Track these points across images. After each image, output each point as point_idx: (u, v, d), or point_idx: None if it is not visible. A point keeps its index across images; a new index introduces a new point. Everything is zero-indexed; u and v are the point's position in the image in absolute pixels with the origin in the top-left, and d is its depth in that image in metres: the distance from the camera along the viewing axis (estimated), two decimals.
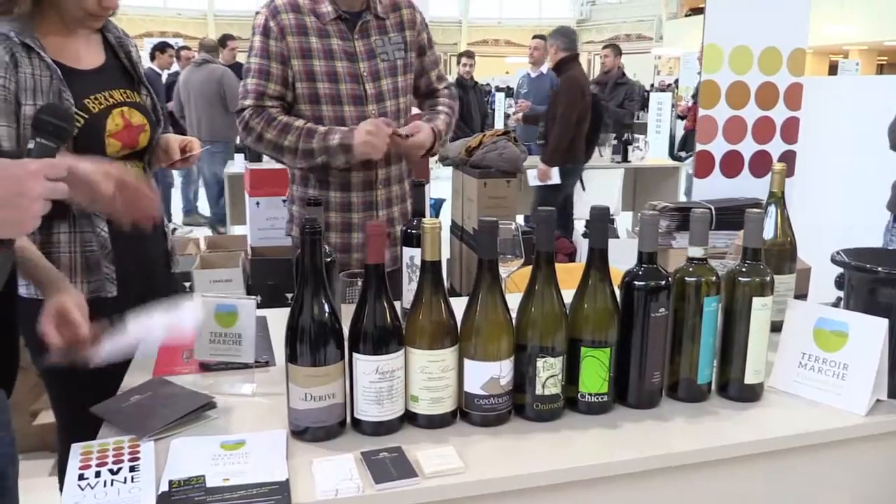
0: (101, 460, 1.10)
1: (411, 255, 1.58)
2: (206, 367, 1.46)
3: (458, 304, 1.24)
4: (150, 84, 1.80)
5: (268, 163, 4.52)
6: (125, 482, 1.04)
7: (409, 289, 1.58)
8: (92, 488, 1.03)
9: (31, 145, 1.14)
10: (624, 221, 6.39)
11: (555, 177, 5.13)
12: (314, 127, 1.95)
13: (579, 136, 5.23)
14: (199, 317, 1.34)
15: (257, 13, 2.01)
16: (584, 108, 5.15)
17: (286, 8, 1.97)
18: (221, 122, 6.42)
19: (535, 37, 6.79)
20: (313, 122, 1.99)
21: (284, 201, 3.41)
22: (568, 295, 1.28)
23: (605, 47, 7.34)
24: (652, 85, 17.39)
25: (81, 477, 1.05)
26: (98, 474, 1.06)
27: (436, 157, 4.07)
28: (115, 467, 1.08)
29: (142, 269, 1.74)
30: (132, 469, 1.08)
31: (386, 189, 2.08)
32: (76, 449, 1.13)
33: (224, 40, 7.72)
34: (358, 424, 1.20)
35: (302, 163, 2.00)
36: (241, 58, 7.70)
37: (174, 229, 6.54)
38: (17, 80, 1.51)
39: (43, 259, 1.44)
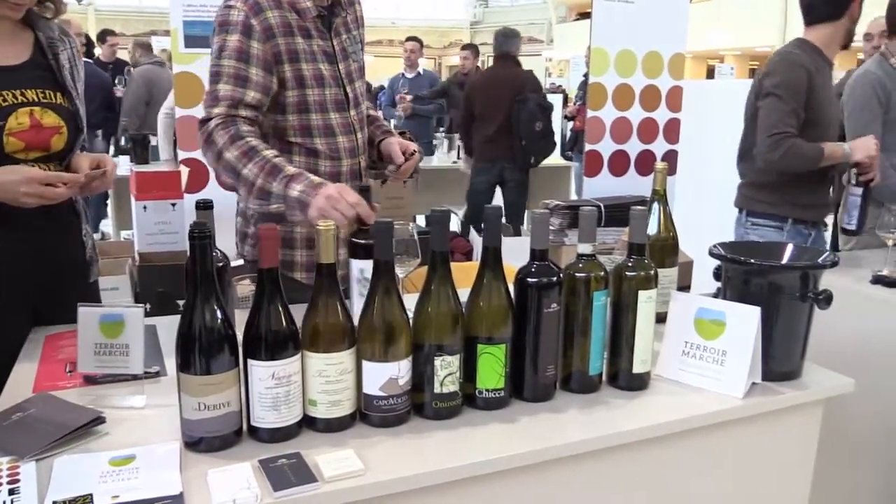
0: None
1: (361, 267, 1.49)
2: (91, 381, 1.40)
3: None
4: (93, 79, 1.73)
5: (153, 164, 4.33)
6: None
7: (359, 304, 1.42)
8: None
9: None
10: None
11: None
12: (281, 165, 1.59)
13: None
14: None
15: (229, 6, 1.68)
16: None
17: (269, 4, 1.68)
18: None
19: (408, 39, 6.58)
20: (301, 132, 1.75)
21: (173, 205, 3.21)
22: (464, 293, 1.30)
23: (462, 48, 7.18)
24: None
25: None
26: None
27: None
28: None
29: (44, 275, 1.67)
30: (11, 492, 1.01)
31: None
32: None
33: (104, 36, 7.36)
34: (255, 432, 1.18)
35: (254, 201, 1.69)
36: (121, 55, 7.34)
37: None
38: None
39: None
